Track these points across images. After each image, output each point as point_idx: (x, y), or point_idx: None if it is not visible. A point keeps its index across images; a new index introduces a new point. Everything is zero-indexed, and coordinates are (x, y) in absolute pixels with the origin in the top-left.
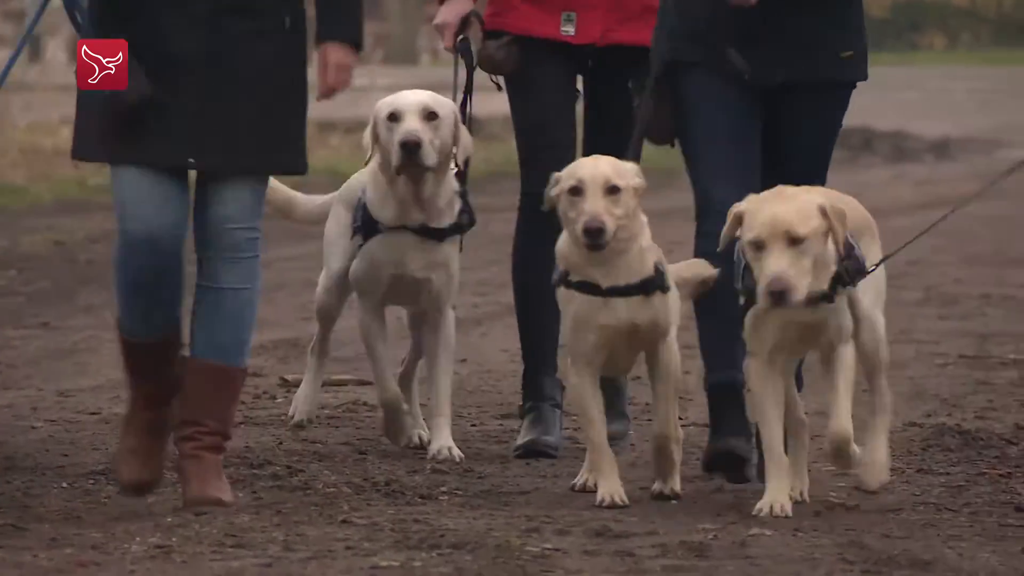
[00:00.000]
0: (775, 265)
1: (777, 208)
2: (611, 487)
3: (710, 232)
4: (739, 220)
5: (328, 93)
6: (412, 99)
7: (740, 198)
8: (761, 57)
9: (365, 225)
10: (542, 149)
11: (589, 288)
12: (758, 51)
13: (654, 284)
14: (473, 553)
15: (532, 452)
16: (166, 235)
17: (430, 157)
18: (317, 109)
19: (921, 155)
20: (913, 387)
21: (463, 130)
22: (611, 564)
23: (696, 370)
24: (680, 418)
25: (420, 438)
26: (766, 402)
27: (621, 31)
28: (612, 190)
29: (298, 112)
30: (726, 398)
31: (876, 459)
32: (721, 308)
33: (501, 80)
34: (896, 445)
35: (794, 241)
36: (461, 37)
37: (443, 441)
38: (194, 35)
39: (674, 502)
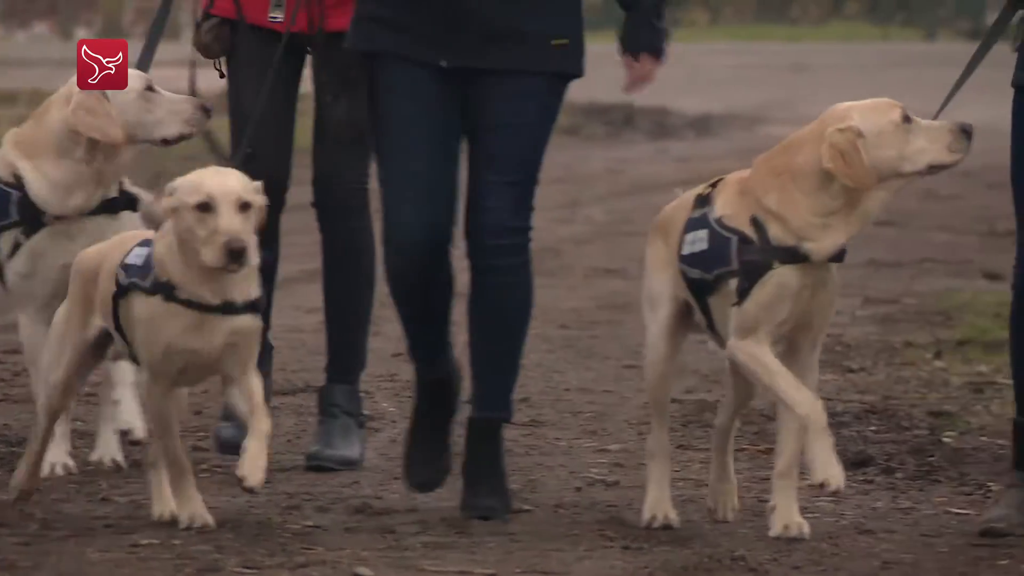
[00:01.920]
0: (937, 121)
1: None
2: (194, 508)
3: (400, 261)
4: (859, 134)
5: None
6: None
7: (428, 216)
8: (461, 42)
9: (26, 219)
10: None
11: (200, 305)
12: (458, 35)
13: (260, 304)
14: (234, 531)
15: (317, 467)
16: None
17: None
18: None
19: (682, 131)
20: None
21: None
22: (372, 541)
23: (460, 344)
24: None
25: (114, 461)
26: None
27: (334, 18)
28: (244, 206)
29: None
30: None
31: None
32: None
33: (223, 65)
34: None
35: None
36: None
37: (105, 449)
38: None
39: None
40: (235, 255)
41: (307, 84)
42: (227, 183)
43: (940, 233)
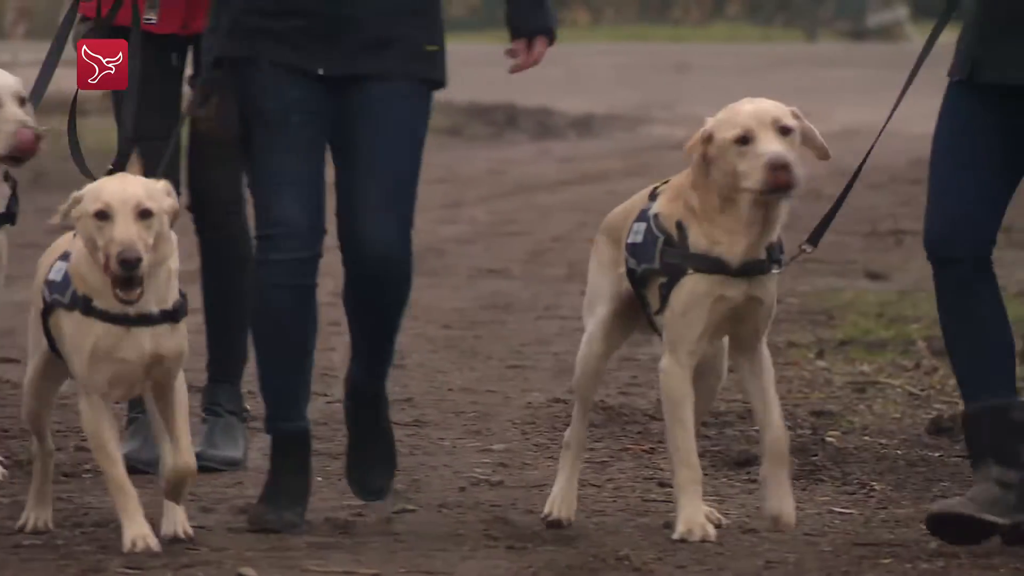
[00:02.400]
0: (773, 146)
1: (759, 102)
2: (140, 530)
3: (277, 261)
4: (708, 139)
5: None
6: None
7: (307, 215)
8: (339, 50)
9: None
10: (131, 141)
11: (116, 317)
12: (335, 43)
13: (182, 311)
14: (117, 531)
15: (200, 467)
16: None
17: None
18: None
19: (565, 131)
20: (558, 363)
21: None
22: (255, 541)
23: (341, 346)
24: (324, 394)
25: None
26: (688, 408)
27: (204, 19)
28: (144, 214)
29: None
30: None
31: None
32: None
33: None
34: (541, 421)
35: (783, 131)
36: None
37: None
38: None
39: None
40: (127, 265)
41: None
42: (126, 190)
43: None
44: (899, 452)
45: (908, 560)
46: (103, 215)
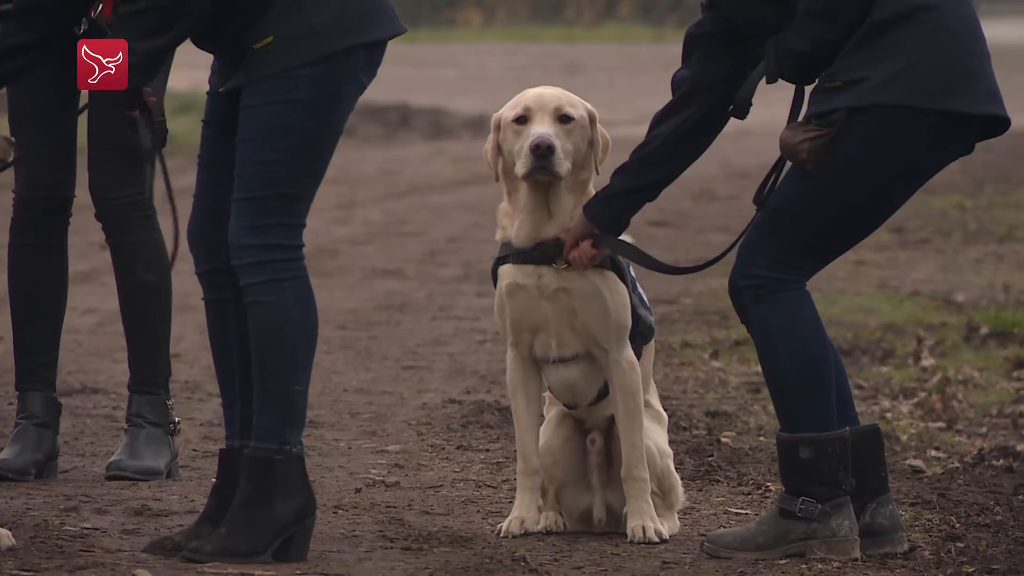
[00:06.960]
0: (541, 128)
1: (549, 88)
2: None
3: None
4: (498, 125)
5: None
6: None
7: (196, 229)
8: (223, 67)
9: None
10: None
11: None
12: (219, 61)
13: None
14: (11, 532)
15: (115, 476)
16: None
17: None
18: None
19: (459, 132)
20: (453, 364)
21: None
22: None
23: None
24: (216, 395)
25: None
26: (519, 399)
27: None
28: None
29: None
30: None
31: None
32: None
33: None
34: (436, 422)
35: (563, 119)
36: None
37: None
38: None
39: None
40: None
41: None
42: None
43: (717, 234)
44: None
45: (804, 560)
46: None
